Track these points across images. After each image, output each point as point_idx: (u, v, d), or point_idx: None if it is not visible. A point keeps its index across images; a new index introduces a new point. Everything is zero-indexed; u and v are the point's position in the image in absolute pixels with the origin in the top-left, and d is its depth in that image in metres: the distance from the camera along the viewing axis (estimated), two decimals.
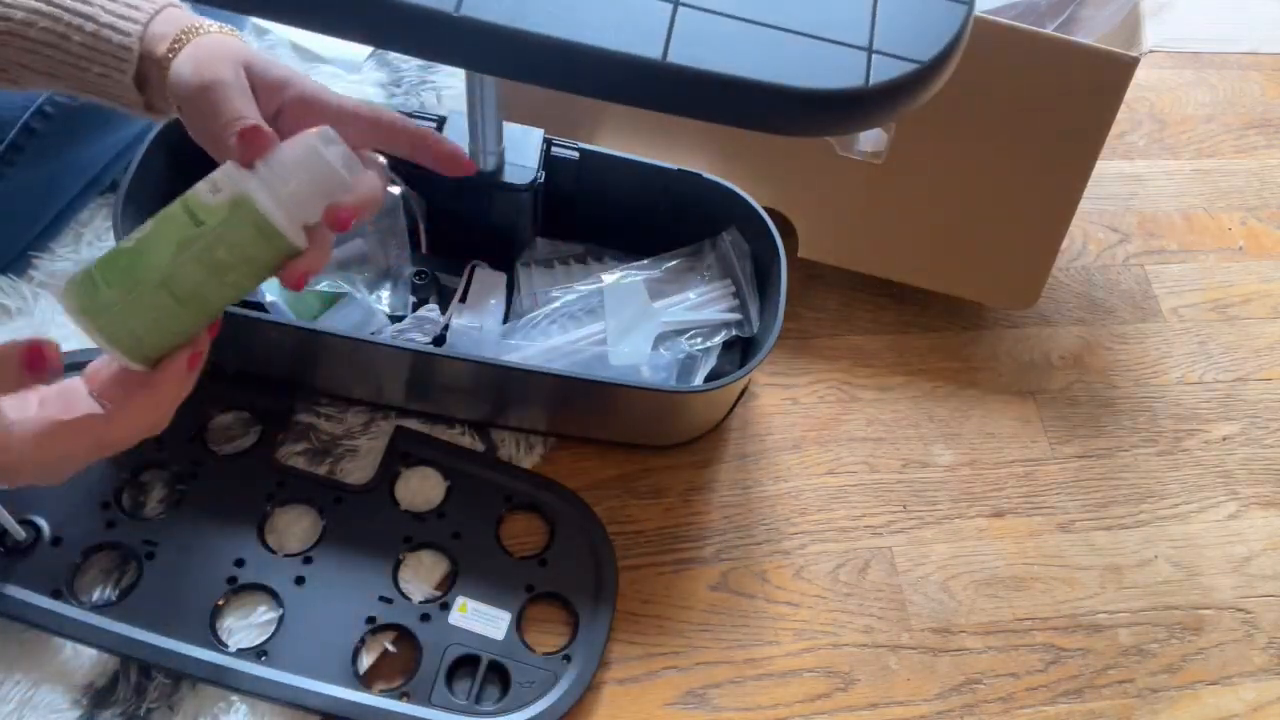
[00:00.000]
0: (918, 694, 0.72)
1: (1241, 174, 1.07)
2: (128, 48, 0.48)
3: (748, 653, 0.73)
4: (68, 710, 0.64)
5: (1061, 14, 0.91)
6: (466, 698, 0.66)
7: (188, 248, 0.41)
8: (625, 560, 0.75)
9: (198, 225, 0.41)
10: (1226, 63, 1.17)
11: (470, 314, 0.77)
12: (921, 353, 0.90)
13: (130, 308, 0.42)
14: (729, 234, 0.80)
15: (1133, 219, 1.02)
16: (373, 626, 0.68)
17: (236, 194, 0.42)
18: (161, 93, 0.49)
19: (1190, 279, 0.99)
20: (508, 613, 0.70)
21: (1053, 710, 0.73)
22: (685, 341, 0.77)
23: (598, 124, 0.86)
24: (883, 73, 0.47)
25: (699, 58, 0.46)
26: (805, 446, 0.83)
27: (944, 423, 0.86)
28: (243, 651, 0.66)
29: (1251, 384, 0.92)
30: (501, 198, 0.75)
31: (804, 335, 0.89)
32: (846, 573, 0.77)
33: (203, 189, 0.42)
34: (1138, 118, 1.10)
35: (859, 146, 0.83)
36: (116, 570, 0.68)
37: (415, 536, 0.72)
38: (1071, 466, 0.85)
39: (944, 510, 0.81)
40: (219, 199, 0.42)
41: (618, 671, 0.71)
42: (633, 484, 0.78)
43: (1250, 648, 0.77)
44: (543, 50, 0.46)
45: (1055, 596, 0.78)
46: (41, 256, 0.80)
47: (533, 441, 0.79)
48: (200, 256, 0.42)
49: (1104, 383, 0.91)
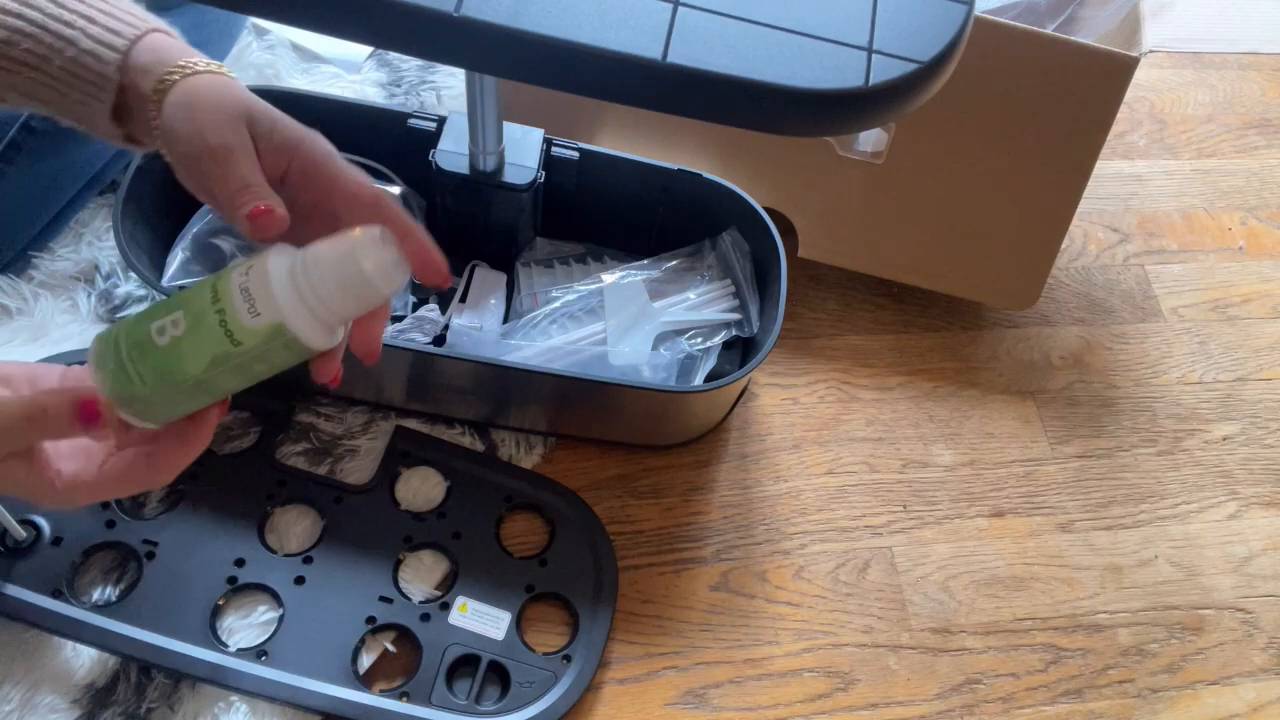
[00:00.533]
0: (918, 694, 0.72)
1: (1241, 174, 1.07)
2: (106, 77, 0.45)
3: (748, 653, 0.73)
4: (68, 710, 0.64)
5: (1061, 14, 0.91)
6: (466, 698, 0.66)
7: (224, 362, 0.40)
8: (625, 560, 0.75)
9: (235, 345, 0.40)
10: (1226, 63, 1.17)
11: (470, 314, 0.77)
12: (921, 353, 0.90)
13: (163, 401, 0.41)
14: (729, 234, 0.80)
15: (1133, 219, 1.02)
16: (373, 626, 0.68)
17: (274, 323, 0.40)
18: (145, 129, 0.46)
19: (1190, 279, 0.99)
20: (508, 613, 0.70)
21: (1053, 710, 0.73)
22: (685, 341, 0.77)
23: (598, 124, 0.86)
24: (883, 73, 0.47)
25: (699, 58, 0.46)
26: (805, 446, 0.83)
27: (944, 423, 0.86)
28: (243, 651, 0.66)
29: (1251, 384, 0.92)
30: (501, 198, 0.75)
31: (804, 335, 0.89)
32: (846, 573, 0.77)
33: (240, 307, 0.40)
34: (1138, 118, 1.10)
35: (859, 146, 0.83)
36: (116, 570, 0.68)
37: (415, 536, 0.72)
38: (1071, 466, 0.85)
39: (944, 510, 0.81)
40: (256, 324, 0.39)
41: (618, 671, 0.71)
42: (633, 484, 0.78)
43: (1250, 648, 0.77)
44: (543, 50, 0.46)
45: (1055, 596, 0.78)
46: (41, 256, 0.80)
47: (533, 441, 0.79)
48: (236, 371, 0.41)
49: (1104, 383, 0.91)
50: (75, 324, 0.77)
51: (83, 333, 0.77)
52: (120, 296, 0.79)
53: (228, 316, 0.40)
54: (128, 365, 0.40)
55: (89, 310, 0.78)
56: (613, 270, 0.80)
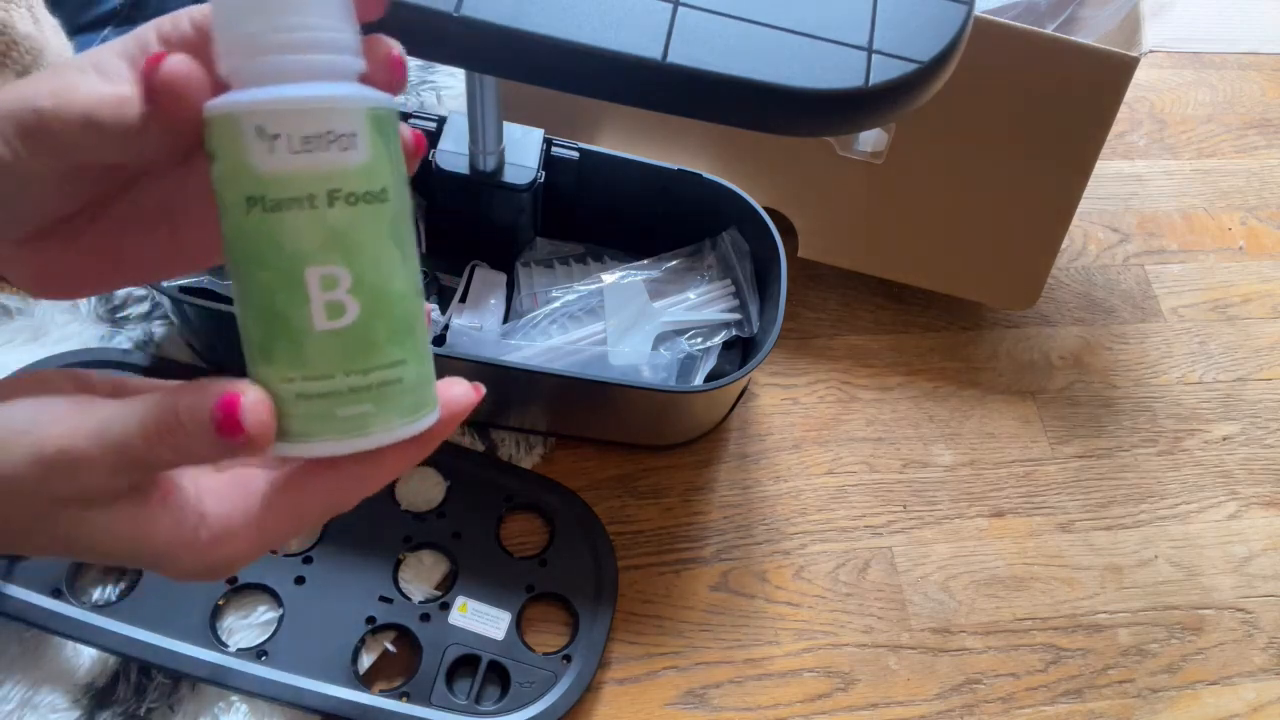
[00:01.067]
0: (918, 694, 0.72)
1: (1241, 174, 1.07)
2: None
3: (748, 653, 0.73)
4: (68, 710, 0.64)
5: (1061, 14, 0.91)
6: (466, 698, 0.66)
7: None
8: (625, 560, 0.75)
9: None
10: (1226, 63, 1.17)
11: (470, 314, 0.77)
12: (921, 353, 0.90)
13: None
14: (729, 234, 0.80)
15: (1133, 219, 1.02)
16: (373, 626, 0.68)
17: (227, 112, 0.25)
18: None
19: (1190, 279, 0.98)
20: (508, 613, 0.70)
21: (1053, 710, 0.73)
22: (685, 341, 0.77)
23: (598, 124, 0.86)
24: (883, 73, 0.47)
25: (699, 58, 0.46)
26: (805, 446, 0.83)
27: (944, 423, 0.86)
28: (243, 651, 0.66)
29: (1251, 384, 0.92)
30: (501, 198, 0.75)
31: (804, 335, 0.89)
32: (846, 573, 0.77)
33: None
34: (1138, 118, 1.10)
35: (859, 146, 0.83)
36: (116, 570, 0.68)
37: (415, 536, 0.72)
38: (1071, 466, 0.85)
39: (944, 510, 0.81)
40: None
41: (618, 671, 0.71)
42: (633, 484, 0.78)
43: (1250, 648, 0.77)
44: (543, 50, 0.46)
45: (1055, 596, 0.78)
46: None
47: (533, 441, 0.79)
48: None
49: (1104, 383, 0.91)
50: (75, 324, 0.77)
51: (82, 333, 0.77)
52: (120, 296, 0.79)
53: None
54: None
55: (89, 310, 0.78)
56: (613, 270, 0.80)
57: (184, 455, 0.26)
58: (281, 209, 0.25)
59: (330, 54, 0.26)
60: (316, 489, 0.28)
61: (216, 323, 0.69)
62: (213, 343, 0.75)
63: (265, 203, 0.25)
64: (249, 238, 0.26)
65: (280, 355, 0.26)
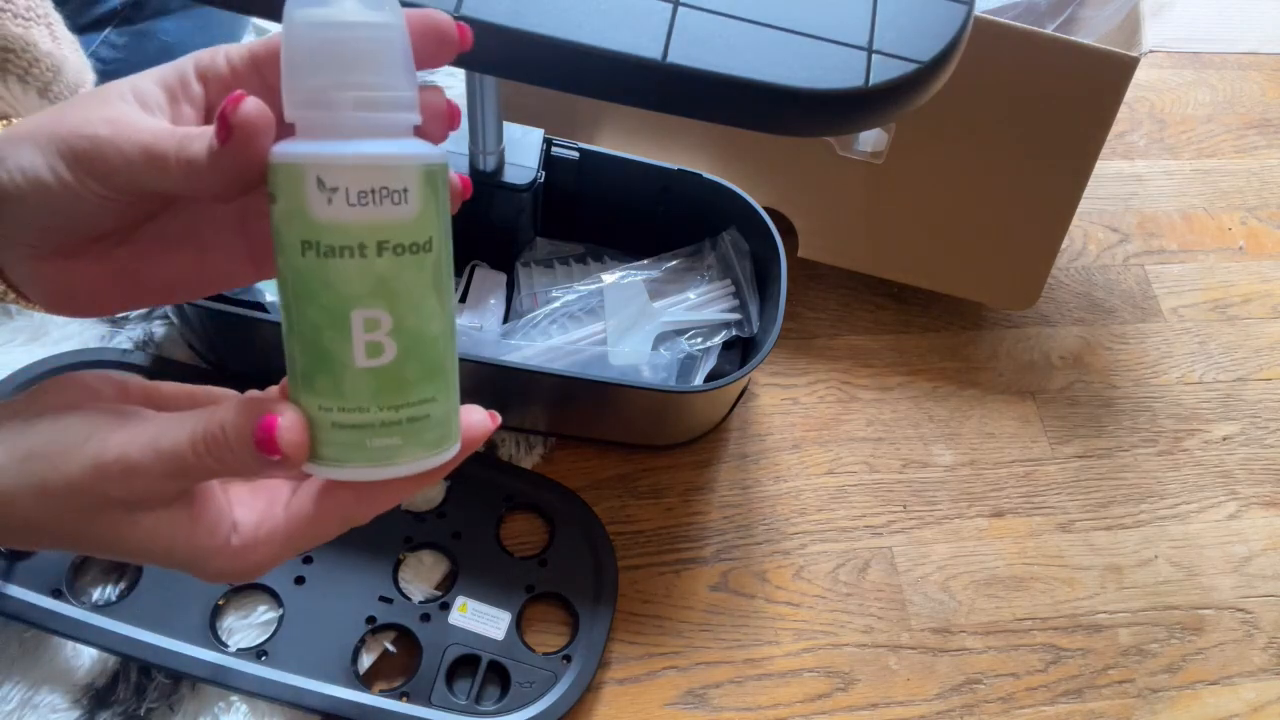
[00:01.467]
0: (918, 694, 0.72)
1: (1241, 174, 1.07)
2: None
3: (748, 653, 0.73)
4: (68, 710, 0.64)
5: (1061, 14, 0.91)
6: (466, 698, 0.66)
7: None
8: (625, 560, 0.75)
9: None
10: (1226, 63, 1.17)
11: (470, 314, 0.77)
12: (921, 353, 0.90)
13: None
14: (729, 234, 0.80)
15: (1133, 219, 1.02)
16: (373, 626, 0.68)
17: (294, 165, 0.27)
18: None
19: (1190, 279, 0.99)
20: (508, 613, 0.70)
21: (1053, 710, 0.73)
22: (685, 341, 0.77)
23: (598, 124, 0.86)
24: (883, 73, 0.47)
25: (699, 58, 0.46)
26: (805, 446, 0.83)
27: (944, 423, 0.86)
28: (242, 651, 0.66)
29: (1251, 384, 0.92)
30: (501, 198, 0.75)
31: (804, 335, 0.89)
32: (846, 573, 0.77)
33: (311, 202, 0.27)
34: (1138, 118, 1.10)
35: (859, 146, 0.83)
36: (116, 570, 0.68)
37: (415, 536, 0.72)
38: (1071, 466, 0.85)
39: (944, 510, 0.81)
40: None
41: (618, 671, 0.71)
42: (633, 484, 0.78)
43: (1250, 648, 0.77)
44: (543, 50, 0.46)
45: (1055, 596, 0.78)
46: None
47: (533, 441, 0.79)
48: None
49: (1104, 383, 0.91)
50: (75, 324, 0.77)
51: (82, 333, 0.77)
52: None
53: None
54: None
55: None
56: (613, 270, 0.80)
57: (227, 468, 0.28)
58: (334, 255, 0.27)
59: (390, 112, 0.28)
60: (337, 505, 0.30)
61: (217, 323, 0.69)
62: (213, 343, 0.75)
63: (320, 248, 0.27)
64: (302, 277, 0.27)
65: (321, 386, 0.28)
